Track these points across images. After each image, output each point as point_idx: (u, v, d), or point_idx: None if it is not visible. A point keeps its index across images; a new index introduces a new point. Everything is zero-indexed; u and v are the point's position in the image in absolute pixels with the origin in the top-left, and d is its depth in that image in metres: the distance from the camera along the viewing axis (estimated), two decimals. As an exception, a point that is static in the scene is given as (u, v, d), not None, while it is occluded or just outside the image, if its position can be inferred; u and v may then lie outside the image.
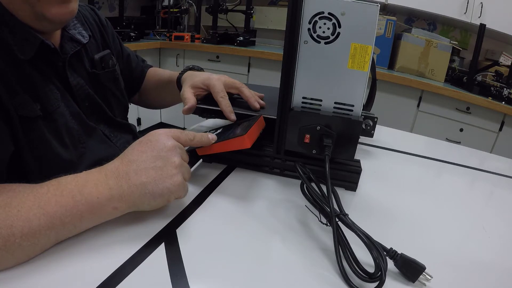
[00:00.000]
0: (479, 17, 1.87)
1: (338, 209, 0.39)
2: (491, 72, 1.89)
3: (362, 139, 0.73)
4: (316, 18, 0.42)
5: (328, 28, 0.42)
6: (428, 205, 0.51)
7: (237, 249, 0.36)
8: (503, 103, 1.67)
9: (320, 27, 0.42)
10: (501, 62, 1.91)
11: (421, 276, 0.33)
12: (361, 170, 0.50)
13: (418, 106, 1.89)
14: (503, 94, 1.68)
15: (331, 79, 0.44)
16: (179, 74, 0.69)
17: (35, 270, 0.31)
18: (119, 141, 0.64)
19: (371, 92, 0.67)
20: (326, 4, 0.41)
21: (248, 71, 2.28)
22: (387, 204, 0.49)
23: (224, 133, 0.50)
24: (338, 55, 0.43)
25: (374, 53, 0.44)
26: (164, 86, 0.76)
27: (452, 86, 1.87)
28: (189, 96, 0.58)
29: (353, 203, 0.48)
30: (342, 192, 0.50)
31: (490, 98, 1.70)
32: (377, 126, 0.61)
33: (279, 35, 2.63)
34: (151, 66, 0.82)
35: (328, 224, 0.39)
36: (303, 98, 0.46)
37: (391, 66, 2.08)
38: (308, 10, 0.42)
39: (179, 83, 0.68)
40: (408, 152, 0.72)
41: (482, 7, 1.85)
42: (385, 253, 0.34)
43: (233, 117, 0.55)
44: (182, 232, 0.38)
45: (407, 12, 2.25)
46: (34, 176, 0.46)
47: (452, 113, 1.81)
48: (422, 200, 0.53)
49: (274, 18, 2.60)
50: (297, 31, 0.43)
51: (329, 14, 0.42)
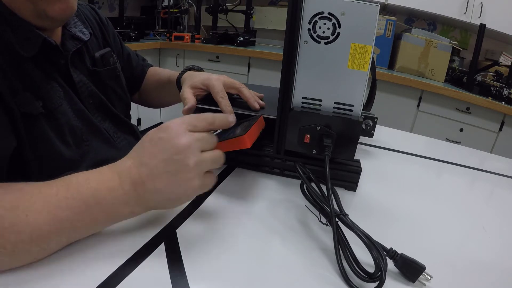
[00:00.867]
0: (479, 17, 1.87)
1: (338, 209, 0.39)
2: (491, 72, 1.89)
3: (362, 139, 0.73)
4: (316, 18, 0.42)
5: (328, 28, 0.42)
6: (428, 205, 0.51)
7: (237, 249, 0.36)
8: (503, 103, 1.67)
9: (320, 27, 0.42)
10: (501, 62, 1.91)
11: (421, 276, 0.33)
12: (361, 170, 0.50)
13: (418, 106, 1.89)
14: (503, 94, 1.68)
15: (331, 79, 0.44)
16: (179, 74, 0.69)
17: (35, 270, 0.31)
18: (122, 142, 0.64)
19: (371, 92, 0.67)
20: (326, 4, 0.41)
21: (248, 71, 2.28)
22: (387, 204, 0.49)
23: (224, 133, 0.50)
24: (338, 55, 0.43)
25: (374, 53, 0.44)
26: (164, 86, 0.76)
27: (452, 86, 1.87)
28: (188, 96, 0.58)
29: (353, 203, 0.48)
30: (342, 192, 0.50)
31: (490, 98, 1.70)
32: (377, 126, 0.61)
33: (279, 35, 2.63)
34: (151, 65, 0.82)
35: (328, 224, 0.39)
36: (303, 98, 0.46)
37: (391, 66, 2.08)
38: (308, 10, 0.42)
39: (178, 83, 0.68)
40: (408, 152, 0.72)
41: (482, 7, 1.85)
42: (385, 253, 0.34)
43: (232, 118, 0.55)
44: (182, 232, 0.38)
45: (407, 12, 2.25)
46: (35, 175, 0.46)
47: (452, 113, 1.81)
48: (422, 200, 0.53)
49: (274, 18, 2.60)
50: (297, 31, 0.43)
51: (329, 14, 0.42)
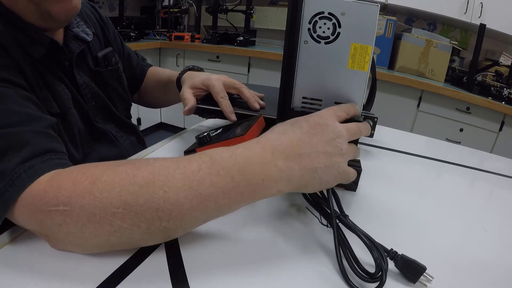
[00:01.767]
0: (479, 17, 1.87)
1: (338, 210, 0.38)
2: (491, 72, 1.89)
3: (362, 139, 0.73)
4: (316, 18, 0.42)
5: (328, 28, 0.42)
6: (428, 205, 0.51)
7: (237, 249, 0.36)
8: (503, 103, 1.67)
9: (320, 27, 0.42)
10: (501, 62, 1.91)
11: (422, 277, 0.33)
12: (361, 170, 0.50)
13: (418, 106, 1.89)
14: (503, 94, 1.68)
15: (331, 79, 0.44)
16: (179, 74, 0.69)
17: (35, 270, 0.31)
18: (125, 141, 0.64)
19: (371, 92, 0.67)
20: (326, 4, 0.41)
21: (248, 71, 2.28)
22: (387, 204, 0.49)
23: (224, 133, 0.50)
24: (338, 55, 0.43)
25: (374, 53, 0.44)
26: (164, 86, 0.76)
27: (452, 86, 1.87)
28: (188, 96, 0.58)
29: (353, 203, 0.48)
30: (342, 192, 0.50)
31: (490, 98, 1.70)
32: (377, 126, 0.61)
33: (279, 35, 2.63)
34: (151, 65, 0.82)
35: (329, 225, 0.39)
36: (303, 98, 0.46)
37: (391, 66, 2.08)
38: (308, 10, 0.42)
39: (178, 84, 0.68)
40: (408, 152, 0.72)
41: (482, 7, 1.85)
42: (385, 253, 0.34)
43: (233, 117, 0.55)
44: (182, 232, 0.38)
45: (407, 12, 2.25)
46: None
47: (452, 113, 1.81)
48: (422, 200, 0.53)
49: (274, 18, 2.60)
50: (297, 31, 0.43)
51: (329, 14, 0.42)
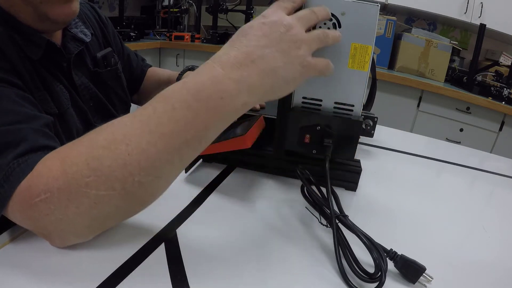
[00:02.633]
0: (479, 17, 1.87)
1: (338, 210, 0.39)
2: (491, 72, 1.89)
3: (362, 139, 0.73)
4: (316, 18, 0.42)
5: (328, 28, 0.42)
6: (428, 205, 0.51)
7: (237, 249, 0.36)
8: (503, 103, 1.67)
9: (320, 27, 0.42)
10: (501, 62, 1.91)
11: (421, 277, 0.33)
12: (361, 170, 0.50)
13: (418, 106, 1.89)
14: (503, 94, 1.68)
15: (331, 79, 0.44)
16: (179, 74, 0.69)
17: (35, 270, 0.31)
18: None
19: (371, 92, 0.67)
20: (326, 4, 0.41)
21: (248, 71, 2.28)
22: (387, 204, 0.49)
23: (224, 133, 0.50)
24: (338, 55, 0.43)
25: (374, 53, 0.44)
26: (163, 87, 0.76)
27: (452, 86, 1.88)
28: None
29: (353, 203, 0.48)
30: (342, 192, 0.50)
31: (490, 98, 1.70)
32: (377, 126, 0.61)
33: (279, 35, 2.62)
34: (151, 66, 0.82)
35: (328, 225, 0.39)
36: (303, 98, 0.46)
37: (391, 66, 2.08)
38: (308, 10, 0.42)
39: None
40: (408, 152, 0.72)
41: (482, 7, 1.85)
42: (385, 254, 0.34)
43: None
44: (182, 232, 0.38)
45: (407, 12, 2.25)
46: None
47: (452, 113, 1.81)
48: (422, 200, 0.53)
49: (274, 18, 2.60)
50: (297, 31, 0.43)
51: (329, 14, 0.42)
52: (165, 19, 2.67)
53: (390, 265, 0.34)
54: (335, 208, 0.38)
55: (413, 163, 0.68)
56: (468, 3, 1.87)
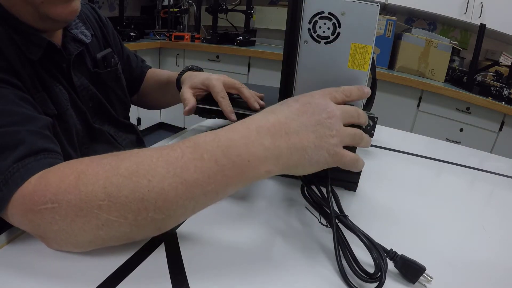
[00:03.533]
0: (479, 17, 1.87)
1: (338, 210, 0.38)
2: (491, 72, 1.89)
3: (362, 139, 0.73)
4: (316, 18, 0.42)
5: (328, 28, 0.42)
6: (428, 205, 0.51)
7: (237, 248, 0.36)
8: (503, 103, 1.67)
9: (320, 27, 0.42)
10: (501, 62, 1.91)
11: (421, 277, 0.33)
12: (361, 170, 0.50)
13: (418, 106, 1.89)
14: (503, 94, 1.68)
15: (331, 79, 0.44)
16: (178, 74, 0.68)
17: (35, 270, 0.31)
18: (124, 141, 0.64)
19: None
20: (326, 4, 0.41)
21: (248, 71, 2.28)
22: (387, 204, 0.49)
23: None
24: (338, 55, 0.43)
25: (374, 53, 0.44)
26: (163, 87, 0.76)
27: (452, 86, 1.87)
28: (188, 97, 0.58)
29: (353, 203, 0.48)
30: (342, 192, 0.50)
31: (490, 98, 1.70)
32: (377, 126, 0.61)
33: (279, 35, 2.63)
34: (150, 67, 0.82)
35: (328, 225, 0.39)
36: (303, 98, 0.46)
37: (391, 66, 2.08)
38: (308, 10, 0.42)
39: (178, 84, 0.68)
40: (408, 152, 0.72)
41: (482, 7, 1.85)
42: (385, 254, 0.34)
43: (233, 117, 0.55)
44: (182, 232, 0.38)
45: (407, 12, 2.25)
46: None
47: (452, 113, 1.81)
48: (422, 200, 0.53)
49: (274, 18, 2.60)
50: (297, 31, 0.43)
51: (329, 14, 0.42)
52: (165, 19, 2.67)
53: (390, 265, 0.34)
54: (335, 208, 0.38)
55: (413, 163, 0.68)
56: (468, 3, 1.87)
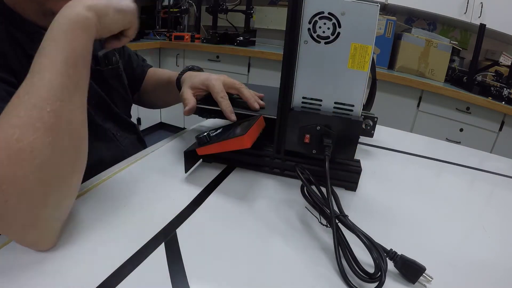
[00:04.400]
0: (479, 17, 1.87)
1: (337, 210, 0.39)
2: (491, 72, 1.89)
3: (362, 139, 0.73)
4: (316, 18, 0.42)
5: (328, 28, 0.42)
6: (428, 205, 0.51)
7: (237, 249, 0.36)
8: (503, 103, 1.67)
9: (320, 27, 0.42)
10: (501, 62, 1.91)
11: (421, 277, 0.33)
12: (361, 170, 0.50)
13: (418, 106, 1.89)
14: (503, 94, 1.68)
15: (331, 79, 0.44)
16: (179, 74, 0.69)
17: (34, 270, 0.31)
18: (124, 141, 0.64)
19: (371, 92, 0.67)
20: (326, 4, 0.41)
21: (248, 71, 2.28)
22: (387, 204, 0.49)
23: (224, 133, 0.50)
24: (338, 55, 0.43)
25: (374, 53, 0.44)
26: (163, 87, 0.76)
27: (452, 86, 1.87)
28: (188, 97, 0.58)
29: (353, 203, 0.48)
30: (342, 192, 0.50)
31: (490, 98, 1.70)
32: (377, 126, 0.61)
33: (279, 35, 2.63)
34: (151, 66, 0.82)
35: (328, 225, 0.39)
36: (303, 98, 0.46)
37: (391, 66, 2.08)
38: (308, 10, 0.42)
39: (178, 84, 0.68)
40: (408, 152, 0.72)
41: (482, 7, 1.85)
42: (385, 254, 0.34)
43: (233, 117, 0.55)
44: (182, 232, 0.38)
45: (407, 12, 2.24)
46: None
47: (452, 113, 1.81)
48: (422, 200, 0.53)
49: (274, 18, 2.60)
50: (297, 31, 0.43)
51: (329, 14, 0.42)
52: (165, 19, 2.67)
53: (390, 265, 0.34)
54: (335, 208, 0.38)
55: (413, 163, 0.68)
56: (468, 3, 1.87)
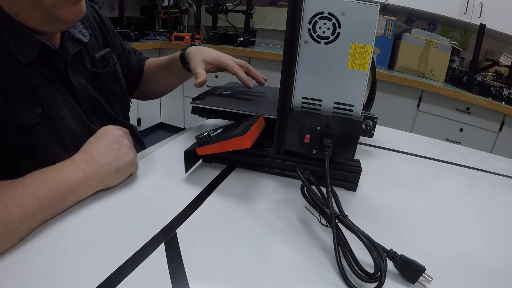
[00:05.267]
0: (479, 17, 1.87)
1: (337, 210, 0.39)
2: (491, 72, 1.89)
3: (362, 139, 0.73)
4: (316, 18, 0.42)
5: (328, 28, 0.42)
6: (428, 205, 0.51)
7: (237, 249, 0.36)
8: (503, 103, 1.67)
9: (320, 27, 0.42)
10: (501, 62, 1.91)
11: (421, 277, 0.33)
12: (361, 170, 0.50)
13: (418, 106, 1.89)
14: (503, 94, 1.68)
15: (331, 79, 0.44)
16: (182, 50, 0.69)
17: (34, 270, 0.31)
18: None
19: (371, 92, 0.67)
20: (326, 4, 0.41)
21: (248, 71, 2.28)
22: (387, 204, 0.49)
23: (224, 133, 0.50)
24: (338, 55, 0.43)
25: (374, 53, 0.44)
26: (165, 69, 0.77)
27: (452, 86, 1.87)
28: (200, 71, 0.60)
29: (353, 203, 0.48)
30: (342, 192, 0.50)
31: (490, 98, 1.70)
32: (377, 126, 0.61)
33: (279, 35, 2.63)
34: (148, 58, 0.82)
35: (328, 225, 0.39)
36: (303, 98, 0.46)
37: (391, 66, 2.08)
38: (308, 10, 0.42)
39: (183, 59, 0.68)
40: (408, 152, 0.72)
41: (482, 7, 1.85)
42: (385, 254, 0.34)
43: (251, 84, 0.58)
44: (182, 232, 0.38)
45: (407, 12, 2.24)
46: None
47: (452, 113, 1.81)
48: (422, 200, 0.53)
49: (274, 18, 2.60)
50: (297, 31, 0.43)
51: (329, 14, 0.42)
52: (165, 19, 2.67)
53: (390, 265, 0.34)
54: (335, 208, 0.38)
55: (413, 163, 0.68)
56: (468, 3, 1.87)
